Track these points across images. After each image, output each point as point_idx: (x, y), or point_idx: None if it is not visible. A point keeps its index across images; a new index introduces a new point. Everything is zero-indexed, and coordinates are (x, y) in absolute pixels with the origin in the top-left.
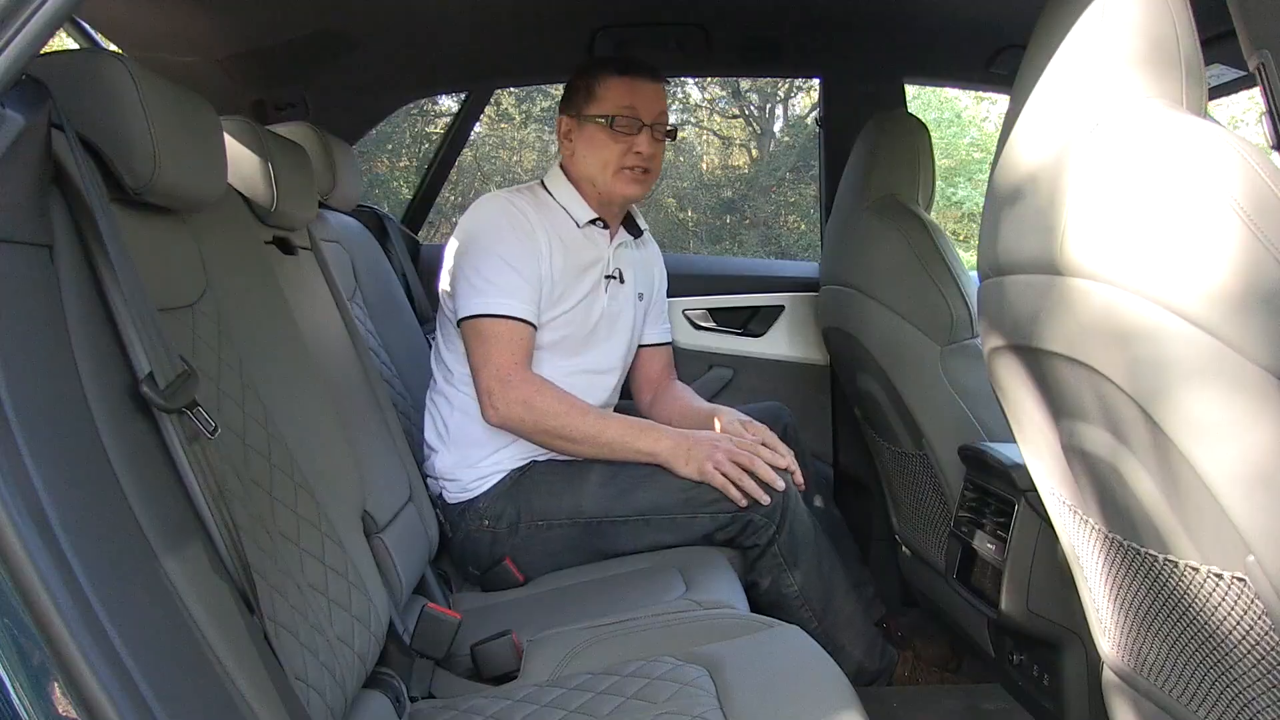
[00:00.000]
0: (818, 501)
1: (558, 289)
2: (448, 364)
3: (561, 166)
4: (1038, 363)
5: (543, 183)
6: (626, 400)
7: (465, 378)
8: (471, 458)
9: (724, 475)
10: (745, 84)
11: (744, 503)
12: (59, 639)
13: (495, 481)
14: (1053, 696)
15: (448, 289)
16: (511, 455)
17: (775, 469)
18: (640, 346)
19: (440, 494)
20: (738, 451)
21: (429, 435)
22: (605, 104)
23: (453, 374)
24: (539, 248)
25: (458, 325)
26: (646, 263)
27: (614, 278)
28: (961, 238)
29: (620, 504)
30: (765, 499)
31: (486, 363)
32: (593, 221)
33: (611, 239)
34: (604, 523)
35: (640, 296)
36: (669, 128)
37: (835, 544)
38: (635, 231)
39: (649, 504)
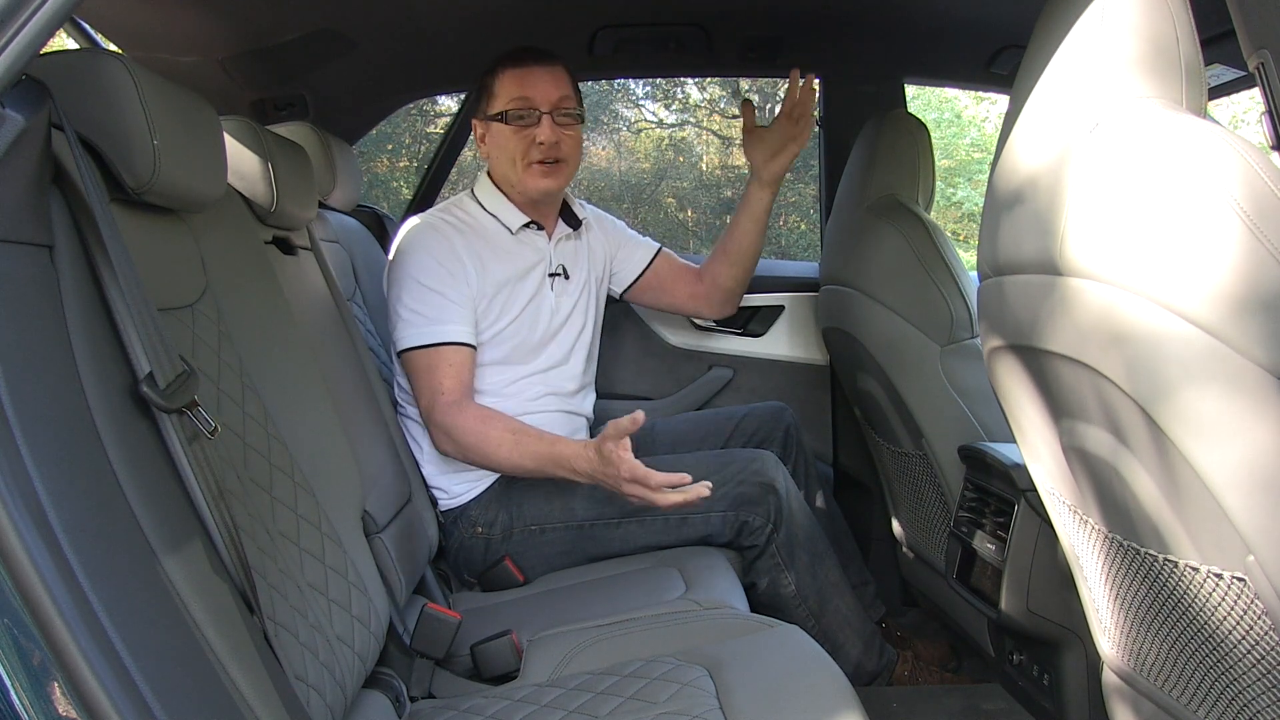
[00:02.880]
0: (819, 501)
1: (497, 303)
2: (404, 386)
3: (488, 174)
4: (1038, 363)
5: (473, 192)
6: (632, 400)
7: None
8: (454, 466)
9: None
10: (745, 84)
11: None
12: (59, 639)
13: (485, 488)
14: (1053, 696)
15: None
16: None
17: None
18: (643, 273)
19: (433, 500)
20: (640, 490)
21: (412, 448)
22: (500, 100)
23: (409, 394)
24: (464, 269)
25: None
26: (590, 245)
27: (558, 275)
28: (961, 238)
29: (612, 506)
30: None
31: (418, 397)
32: (526, 225)
33: (550, 237)
34: (596, 525)
35: (589, 278)
36: (574, 111)
37: (836, 544)
38: (574, 223)
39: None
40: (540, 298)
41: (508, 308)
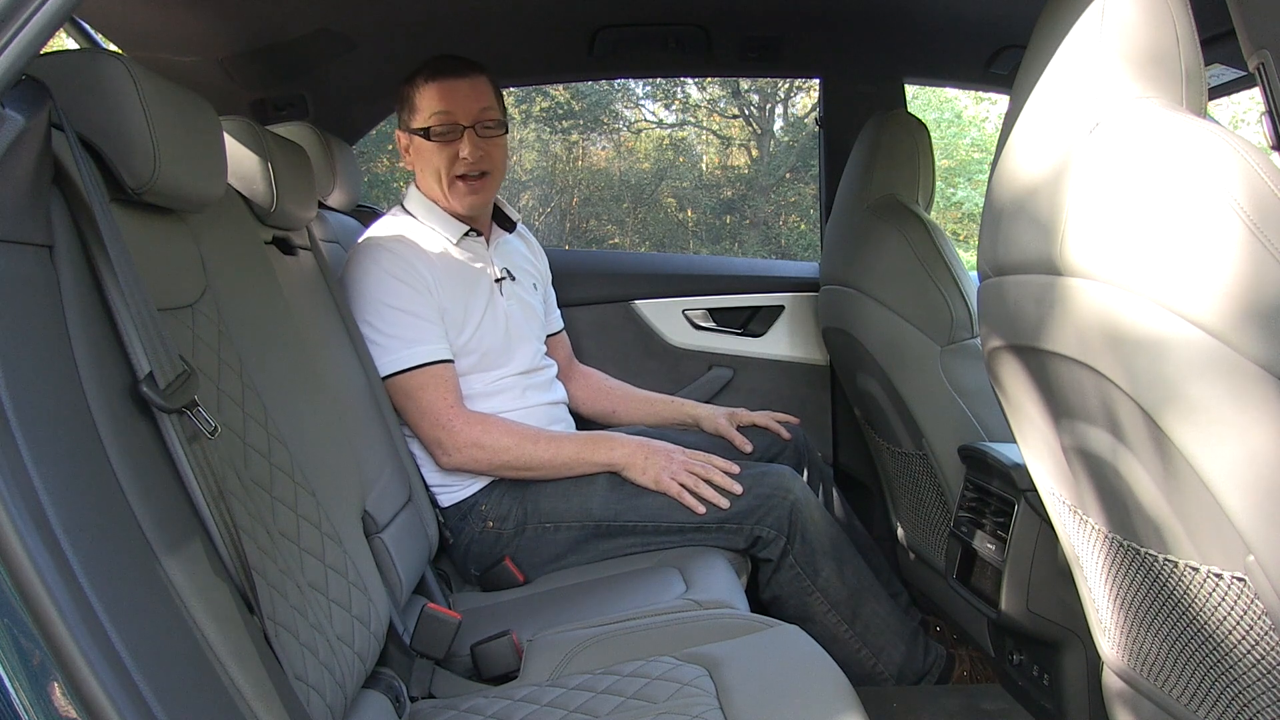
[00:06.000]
0: (838, 513)
1: (459, 313)
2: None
3: (416, 185)
4: (1038, 363)
5: (404, 207)
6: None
7: None
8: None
9: (680, 484)
10: (745, 84)
11: (701, 510)
12: (59, 639)
13: (492, 479)
14: (1053, 696)
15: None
16: None
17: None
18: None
19: (434, 499)
20: (692, 461)
21: (414, 449)
22: (422, 114)
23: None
24: (427, 284)
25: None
26: (531, 253)
27: (504, 278)
28: (961, 238)
29: (630, 509)
30: (724, 504)
31: (423, 416)
32: (466, 234)
33: (489, 242)
34: (612, 526)
35: (535, 286)
36: (498, 121)
37: (864, 557)
38: (509, 225)
39: (658, 511)
40: (493, 304)
41: (468, 318)
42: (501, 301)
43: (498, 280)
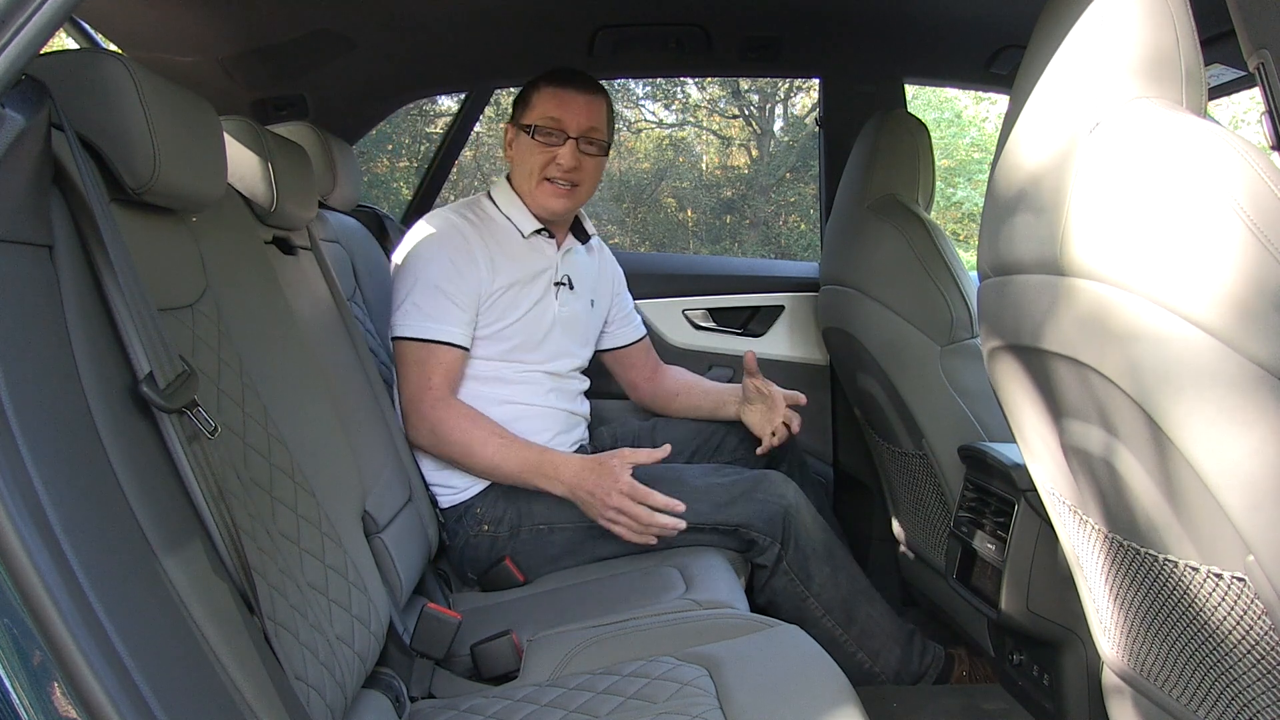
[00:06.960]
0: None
1: (505, 300)
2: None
3: (508, 177)
4: (1038, 363)
5: (489, 194)
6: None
7: None
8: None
9: (619, 525)
10: (745, 84)
11: (652, 541)
12: (59, 639)
13: (489, 483)
14: (1053, 696)
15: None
16: None
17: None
18: (621, 348)
19: (434, 499)
20: (630, 505)
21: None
22: (534, 113)
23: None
24: (477, 268)
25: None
26: (599, 270)
27: (563, 284)
28: (961, 238)
29: None
30: (673, 531)
31: (406, 384)
32: (538, 231)
33: (559, 246)
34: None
35: (592, 304)
36: (601, 141)
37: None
38: (583, 237)
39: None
40: (544, 303)
41: (514, 307)
42: (554, 304)
43: (557, 283)
